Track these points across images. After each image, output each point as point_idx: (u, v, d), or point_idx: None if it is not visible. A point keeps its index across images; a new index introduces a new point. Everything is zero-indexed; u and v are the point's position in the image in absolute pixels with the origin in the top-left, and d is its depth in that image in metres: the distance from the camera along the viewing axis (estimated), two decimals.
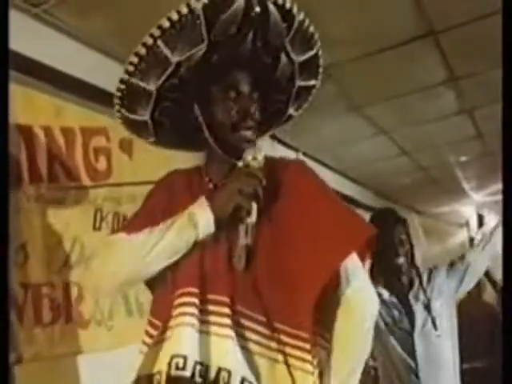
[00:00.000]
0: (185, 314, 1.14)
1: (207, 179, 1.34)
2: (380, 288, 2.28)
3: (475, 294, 4.14)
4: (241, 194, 1.17)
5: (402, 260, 2.26)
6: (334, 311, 1.18)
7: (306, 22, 1.28)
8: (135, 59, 1.21)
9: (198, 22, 1.16)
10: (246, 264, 1.17)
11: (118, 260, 1.23)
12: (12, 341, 1.72)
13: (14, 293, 1.78)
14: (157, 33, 1.17)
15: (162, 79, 1.23)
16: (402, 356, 2.23)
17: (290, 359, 1.13)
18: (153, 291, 1.31)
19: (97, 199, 2.16)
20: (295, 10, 1.24)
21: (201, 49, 1.20)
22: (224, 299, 1.16)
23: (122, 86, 1.25)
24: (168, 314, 1.17)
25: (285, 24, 1.24)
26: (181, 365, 1.10)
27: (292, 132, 3.25)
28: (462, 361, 2.30)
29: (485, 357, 3.70)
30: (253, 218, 1.17)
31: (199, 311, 1.15)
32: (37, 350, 1.83)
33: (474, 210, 7.59)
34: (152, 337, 1.22)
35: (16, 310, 1.78)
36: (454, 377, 2.25)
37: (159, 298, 1.27)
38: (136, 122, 1.35)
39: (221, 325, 1.14)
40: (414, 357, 2.20)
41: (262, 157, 1.22)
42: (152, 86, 1.25)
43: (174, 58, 1.21)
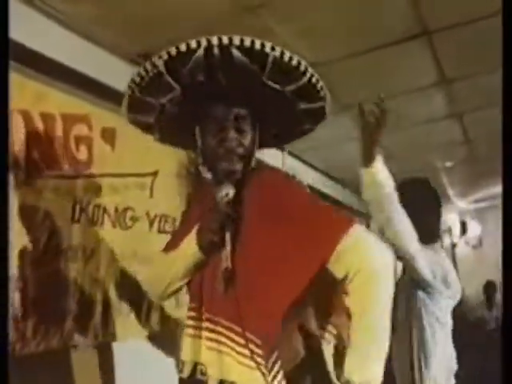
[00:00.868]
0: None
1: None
2: None
3: None
4: (211, 231, 1.34)
5: None
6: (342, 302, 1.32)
7: (286, 56, 1.25)
8: (126, 103, 1.39)
9: (162, 74, 1.28)
10: (226, 285, 1.32)
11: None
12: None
13: None
14: (137, 80, 1.31)
15: (156, 113, 1.42)
16: None
17: (260, 367, 1.25)
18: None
19: (76, 190, 2.08)
20: (268, 48, 1.22)
21: (176, 93, 1.34)
22: (210, 316, 1.36)
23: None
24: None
25: (256, 65, 1.25)
26: None
27: None
28: None
29: None
30: (227, 247, 1.33)
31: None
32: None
33: (457, 216, 7.61)
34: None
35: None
36: None
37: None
38: (142, 122, 1.48)
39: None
40: None
41: (233, 192, 1.34)
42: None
43: (157, 102, 1.37)
